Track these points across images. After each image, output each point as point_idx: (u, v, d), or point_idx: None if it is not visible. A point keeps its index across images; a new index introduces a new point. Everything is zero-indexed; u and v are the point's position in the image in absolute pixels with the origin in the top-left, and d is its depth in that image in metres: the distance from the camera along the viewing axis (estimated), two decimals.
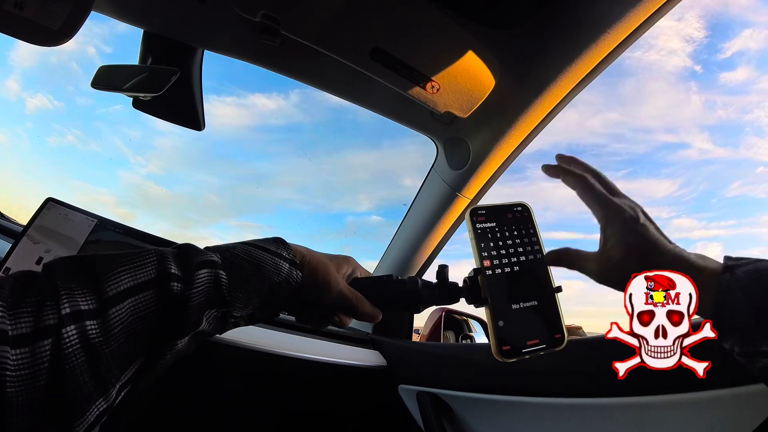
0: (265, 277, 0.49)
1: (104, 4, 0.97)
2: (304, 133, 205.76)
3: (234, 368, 1.17)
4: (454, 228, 1.45)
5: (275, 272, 0.49)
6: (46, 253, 0.95)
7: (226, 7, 0.88)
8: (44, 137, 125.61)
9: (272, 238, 0.55)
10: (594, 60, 0.94)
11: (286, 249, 0.52)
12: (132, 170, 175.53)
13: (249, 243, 0.52)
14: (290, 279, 0.50)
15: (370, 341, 1.55)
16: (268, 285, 0.49)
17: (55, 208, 1.00)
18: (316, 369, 1.27)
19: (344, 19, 0.88)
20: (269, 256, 0.50)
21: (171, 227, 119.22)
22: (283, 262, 0.51)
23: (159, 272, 0.42)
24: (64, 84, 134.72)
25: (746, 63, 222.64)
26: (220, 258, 0.47)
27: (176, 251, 0.46)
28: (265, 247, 0.51)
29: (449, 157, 1.31)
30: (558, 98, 1.05)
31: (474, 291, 0.55)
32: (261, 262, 0.49)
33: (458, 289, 0.57)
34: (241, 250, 0.50)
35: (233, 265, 0.47)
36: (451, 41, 0.94)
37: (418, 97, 1.03)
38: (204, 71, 1.13)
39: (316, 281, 0.53)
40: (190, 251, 0.46)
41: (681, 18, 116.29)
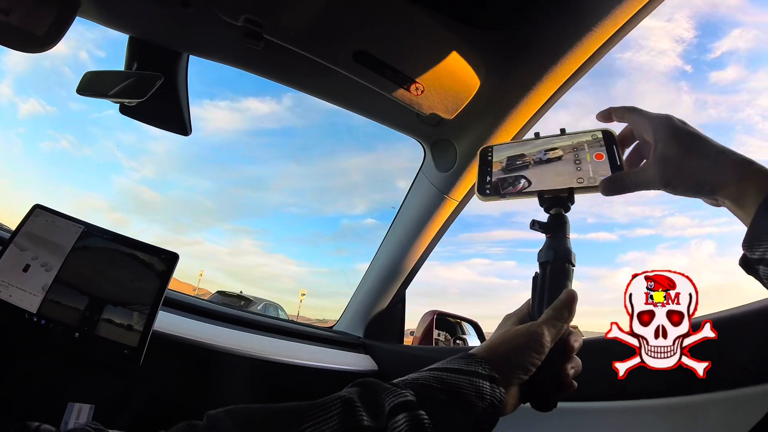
0: (468, 406, 0.43)
1: (89, 10, 0.97)
2: (298, 137, 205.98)
3: (226, 374, 1.16)
4: (443, 230, 1.45)
5: (478, 397, 0.44)
6: (33, 260, 0.94)
7: (210, 12, 0.88)
8: (37, 142, 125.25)
9: (458, 355, 0.50)
10: (579, 59, 0.95)
11: (479, 363, 0.47)
12: (125, 175, 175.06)
13: (435, 369, 0.47)
14: (494, 400, 0.45)
15: (361, 345, 1.55)
16: (474, 416, 0.43)
17: (43, 214, 0.99)
18: (307, 374, 1.27)
19: (327, 22, 0.88)
20: (465, 378, 0.45)
21: (165, 232, 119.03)
22: (482, 381, 0.45)
23: (348, 425, 0.38)
24: (56, 89, 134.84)
25: (736, 62, 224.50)
26: (414, 395, 0.42)
27: (361, 390, 0.43)
28: (457, 368, 0.46)
29: (436, 159, 1.31)
30: (544, 98, 1.05)
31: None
32: (459, 388, 0.44)
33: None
34: (432, 379, 0.45)
35: (431, 401, 0.42)
36: (435, 42, 0.94)
37: (402, 99, 1.03)
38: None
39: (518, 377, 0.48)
40: (377, 391, 0.42)
41: (670, 19, 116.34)
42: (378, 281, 1.59)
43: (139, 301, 0.98)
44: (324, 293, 41.04)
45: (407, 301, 1.69)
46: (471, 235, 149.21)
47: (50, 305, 0.92)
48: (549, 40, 0.94)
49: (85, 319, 0.94)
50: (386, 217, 1.57)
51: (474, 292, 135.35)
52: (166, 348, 1.05)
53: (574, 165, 0.59)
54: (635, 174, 0.54)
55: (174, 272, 1.04)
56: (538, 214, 0.59)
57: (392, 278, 1.56)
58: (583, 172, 0.57)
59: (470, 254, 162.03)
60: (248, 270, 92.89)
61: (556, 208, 0.58)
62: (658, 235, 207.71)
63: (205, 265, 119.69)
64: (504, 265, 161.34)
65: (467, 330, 2.08)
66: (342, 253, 35.65)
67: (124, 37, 1.06)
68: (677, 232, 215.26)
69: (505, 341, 0.50)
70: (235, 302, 6.94)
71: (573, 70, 0.98)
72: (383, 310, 1.62)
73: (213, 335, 1.16)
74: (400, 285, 1.59)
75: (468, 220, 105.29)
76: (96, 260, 1.00)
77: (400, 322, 1.67)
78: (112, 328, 0.95)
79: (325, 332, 1.64)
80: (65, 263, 0.96)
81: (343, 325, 1.72)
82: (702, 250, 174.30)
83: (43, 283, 0.93)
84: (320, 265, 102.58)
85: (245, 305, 6.76)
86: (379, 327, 1.62)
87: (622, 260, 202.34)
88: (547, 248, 0.56)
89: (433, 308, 1.87)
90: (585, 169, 0.57)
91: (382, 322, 1.62)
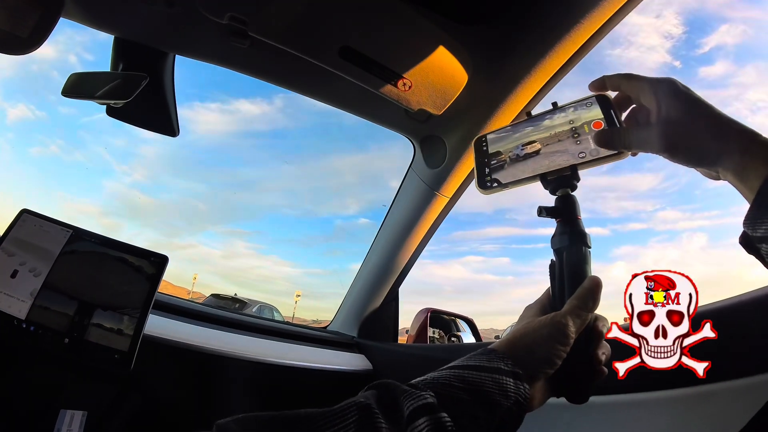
0: (493, 405, 0.41)
1: (73, 11, 0.96)
2: (290, 138, 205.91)
3: (220, 378, 1.16)
4: (435, 227, 1.45)
5: (502, 395, 0.42)
6: (21, 265, 0.93)
7: (195, 11, 0.87)
8: (26, 148, 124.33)
9: (478, 351, 0.47)
10: (567, 53, 0.95)
11: (500, 359, 0.45)
12: (117, 179, 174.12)
13: (455, 366, 0.45)
14: (519, 397, 0.43)
15: (356, 345, 1.55)
16: (499, 414, 0.41)
17: (30, 219, 0.98)
18: (301, 375, 1.27)
19: (311, 19, 0.88)
20: (488, 376, 0.43)
21: (158, 236, 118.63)
22: (506, 378, 0.43)
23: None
24: (45, 93, 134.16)
25: (724, 57, 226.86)
26: (434, 397, 0.40)
27: (378, 393, 0.40)
28: (478, 365, 0.44)
29: (426, 155, 1.30)
30: (533, 92, 1.05)
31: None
32: (481, 386, 0.42)
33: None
34: (452, 378, 0.43)
35: (453, 401, 0.40)
36: (421, 37, 0.93)
37: (390, 95, 1.02)
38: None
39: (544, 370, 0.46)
40: (396, 394, 0.40)
41: (659, 15, 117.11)
42: (371, 280, 1.58)
43: (129, 304, 0.97)
44: (319, 294, 41.10)
45: (402, 299, 1.68)
46: (464, 233, 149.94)
47: (39, 311, 0.91)
48: (536, 33, 0.94)
49: (75, 325, 0.93)
50: (379, 217, 1.57)
51: (469, 289, 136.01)
52: (160, 352, 1.05)
53: (573, 140, 0.57)
54: (633, 132, 0.51)
55: (164, 275, 1.04)
56: (530, 209, 0.57)
57: (385, 277, 1.56)
58: (583, 146, 0.55)
59: (464, 252, 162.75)
60: (243, 272, 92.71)
61: (561, 189, 0.56)
62: (650, 229, 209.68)
63: (199, 269, 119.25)
64: (498, 261, 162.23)
65: (462, 327, 2.08)
66: (336, 254, 35.54)
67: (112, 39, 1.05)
68: (669, 225, 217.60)
69: (528, 333, 0.48)
70: (230, 305, 6.94)
71: (561, 63, 0.98)
72: (377, 309, 1.62)
73: (207, 338, 1.16)
74: (393, 283, 1.58)
75: (461, 218, 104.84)
76: (85, 264, 0.99)
77: (394, 321, 1.67)
78: (102, 332, 0.94)
79: (319, 333, 1.64)
80: (53, 268, 0.95)
81: (337, 325, 1.72)
82: (694, 243, 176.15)
83: (32, 288, 0.92)
84: (315, 266, 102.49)
85: (240, 308, 6.76)
86: (373, 326, 1.62)
87: (616, 254, 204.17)
88: (560, 233, 0.54)
89: (429, 306, 1.87)
90: (585, 141, 0.55)
91: (375, 321, 1.62)
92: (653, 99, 0.49)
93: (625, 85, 0.54)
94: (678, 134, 0.47)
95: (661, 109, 0.48)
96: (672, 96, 0.48)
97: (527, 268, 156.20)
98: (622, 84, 0.55)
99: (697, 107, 0.47)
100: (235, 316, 1.46)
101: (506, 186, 0.59)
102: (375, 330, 1.62)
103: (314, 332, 1.62)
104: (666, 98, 0.48)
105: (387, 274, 1.55)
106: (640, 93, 0.52)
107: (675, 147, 0.48)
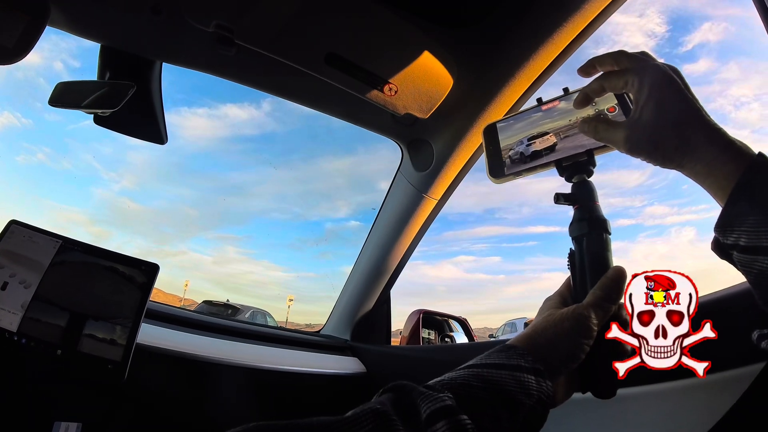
0: (515, 404, 0.39)
1: (59, 19, 0.95)
2: (279, 143, 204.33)
3: (214, 385, 1.15)
4: (424, 229, 1.46)
5: (524, 393, 0.40)
6: (11, 277, 0.92)
7: (181, 19, 0.88)
8: (12, 156, 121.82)
9: (496, 348, 0.45)
10: (552, 53, 0.96)
11: (520, 355, 0.43)
12: (105, 187, 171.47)
13: (473, 365, 0.43)
14: (542, 395, 0.41)
15: (349, 348, 1.55)
16: (522, 414, 0.39)
17: (19, 230, 0.97)
18: (295, 380, 1.27)
19: (297, 26, 0.88)
20: (508, 373, 0.41)
21: (148, 243, 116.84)
22: (527, 375, 0.41)
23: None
24: (31, 101, 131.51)
25: (707, 54, 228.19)
26: (452, 398, 0.38)
27: (394, 397, 0.38)
28: (497, 362, 0.42)
29: (413, 158, 1.31)
30: (518, 94, 1.06)
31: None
32: (502, 385, 0.40)
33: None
34: (470, 377, 0.41)
35: (472, 402, 0.38)
36: (406, 42, 0.95)
37: (376, 100, 1.03)
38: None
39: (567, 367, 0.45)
40: (412, 396, 0.38)
41: (642, 14, 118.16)
42: (362, 283, 1.59)
43: (121, 314, 0.97)
44: (312, 298, 40.87)
45: (394, 301, 1.69)
46: (455, 233, 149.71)
47: (30, 323, 0.90)
48: (520, 36, 0.95)
49: (67, 336, 0.92)
50: (369, 219, 1.57)
51: (462, 289, 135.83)
52: (152, 361, 1.04)
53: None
54: (606, 128, 0.50)
55: (155, 283, 1.03)
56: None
57: (376, 279, 1.56)
58: None
59: (455, 252, 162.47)
60: (234, 278, 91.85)
61: (578, 175, 0.55)
62: (639, 224, 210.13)
63: (190, 275, 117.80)
64: (489, 260, 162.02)
65: (455, 327, 2.09)
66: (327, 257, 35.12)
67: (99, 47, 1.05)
68: (657, 220, 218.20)
69: (548, 327, 0.46)
70: (222, 311, 6.86)
71: (546, 64, 0.99)
72: (369, 311, 1.62)
73: (200, 346, 1.16)
74: (384, 286, 1.59)
75: (450, 219, 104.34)
76: (75, 275, 0.98)
77: (387, 323, 1.67)
78: (94, 343, 0.93)
79: (312, 337, 1.64)
80: (44, 279, 0.94)
81: (330, 328, 1.72)
82: (682, 237, 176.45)
83: (22, 300, 0.91)
84: (307, 270, 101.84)
85: (232, 314, 6.70)
86: (366, 329, 1.62)
87: None
88: (578, 220, 0.53)
89: (422, 307, 1.88)
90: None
91: (368, 324, 1.62)
92: (636, 91, 0.48)
93: (618, 66, 0.51)
94: (644, 142, 0.47)
95: (636, 109, 0.47)
96: (650, 95, 0.46)
97: (518, 266, 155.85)
98: (615, 66, 0.52)
99: (674, 112, 0.45)
100: (227, 322, 1.46)
101: (520, 174, 0.59)
102: (368, 333, 1.62)
103: (307, 337, 1.62)
104: (645, 97, 0.47)
105: (378, 276, 1.55)
106: (633, 79, 0.49)
107: (637, 152, 0.47)
